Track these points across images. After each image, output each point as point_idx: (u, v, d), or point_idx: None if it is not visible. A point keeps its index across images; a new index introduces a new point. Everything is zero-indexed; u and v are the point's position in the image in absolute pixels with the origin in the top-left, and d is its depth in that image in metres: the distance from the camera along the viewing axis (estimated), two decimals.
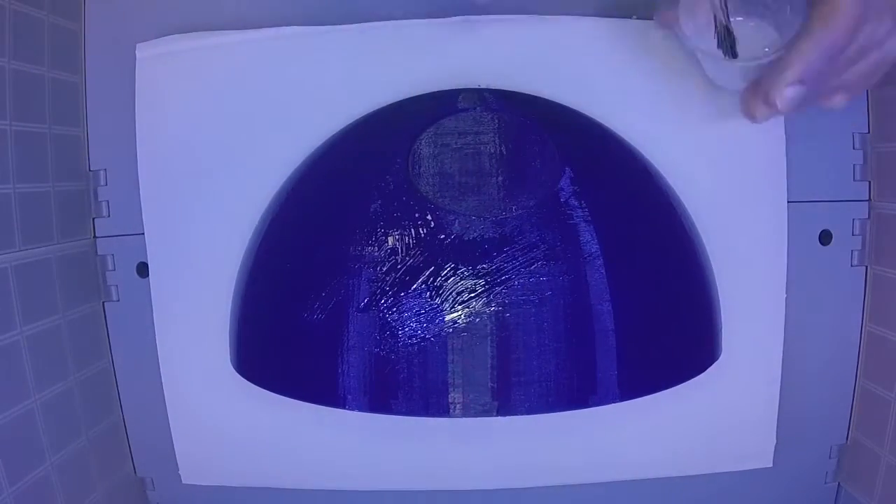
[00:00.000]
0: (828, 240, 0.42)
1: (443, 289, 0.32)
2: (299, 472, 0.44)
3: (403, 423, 0.35)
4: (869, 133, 0.41)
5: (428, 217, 0.33)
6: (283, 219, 0.38)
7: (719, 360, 0.38)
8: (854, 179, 0.42)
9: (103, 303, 0.44)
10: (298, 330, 0.34)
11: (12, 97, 0.36)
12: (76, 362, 0.41)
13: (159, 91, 0.42)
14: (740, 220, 0.41)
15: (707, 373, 0.36)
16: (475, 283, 0.32)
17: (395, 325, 0.32)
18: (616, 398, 0.33)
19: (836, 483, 0.45)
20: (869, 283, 0.42)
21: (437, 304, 0.32)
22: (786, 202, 0.41)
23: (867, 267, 0.42)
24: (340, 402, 0.33)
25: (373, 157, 0.36)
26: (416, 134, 0.35)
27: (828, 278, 0.42)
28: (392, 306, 0.32)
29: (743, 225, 0.41)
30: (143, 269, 0.43)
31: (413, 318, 0.32)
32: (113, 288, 0.44)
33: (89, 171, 0.43)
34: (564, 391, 0.33)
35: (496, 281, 0.32)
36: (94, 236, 0.44)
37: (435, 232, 0.33)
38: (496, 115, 0.36)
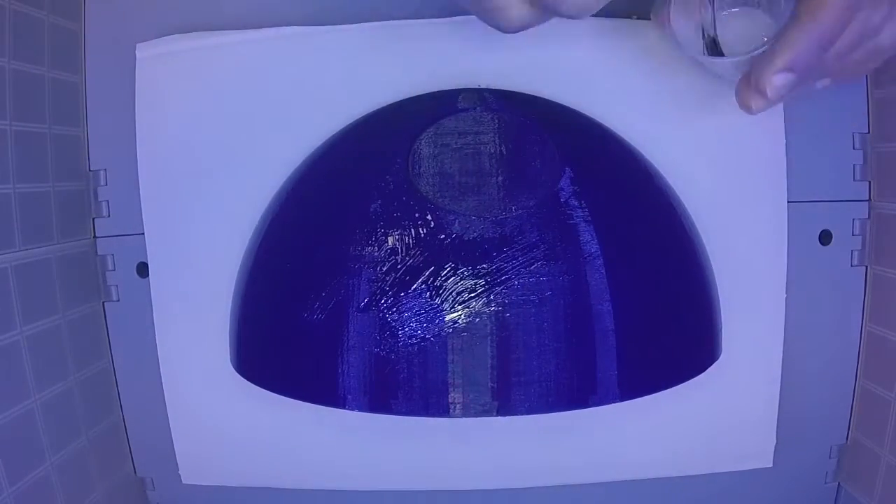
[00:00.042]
0: (828, 240, 0.42)
1: (443, 289, 0.32)
2: (299, 472, 0.44)
3: (403, 423, 0.35)
4: (869, 133, 0.41)
5: (428, 217, 0.33)
6: (283, 219, 0.38)
7: (719, 360, 0.38)
8: (854, 179, 0.42)
9: (103, 303, 0.44)
10: (298, 330, 0.34)
11: (12, 97, 0.36)
12: (76, 362, 0.41)
13: (159, 91, 0.42)
14: (740, 219, 0.41)
15: (707, 373, 0.36)
16: (475, 283, 0.32)
17: (395, 325, 0.32)
18: (616, 398, 0.33)
19: (836, 483, 0.45)
20: (869, 283, 0.42)
21: (437, 304, 0.32)
22: (786, 202, 0.41)
23: (867, 267, 0.42)
24: (340, 403, 0.33)
25: (373, 157, 0.36)
26: (416, 134, 0.35)
27: (828, 278, 0.42)
28: (392, 306, 0.32)
29: (743, 225, 0.41)
30: (143, 269, 0.43)
31: (413, 318, 0.32)
32: (113, 288, 0.44)
33: (89, 171, 0.43)
34: (564, 391, 0.33)
35: (496, 281, 0.32)
36: (94, 236, 0.44)
37: (435, 232, 0.33)
38: (496, 115, 0.36)
